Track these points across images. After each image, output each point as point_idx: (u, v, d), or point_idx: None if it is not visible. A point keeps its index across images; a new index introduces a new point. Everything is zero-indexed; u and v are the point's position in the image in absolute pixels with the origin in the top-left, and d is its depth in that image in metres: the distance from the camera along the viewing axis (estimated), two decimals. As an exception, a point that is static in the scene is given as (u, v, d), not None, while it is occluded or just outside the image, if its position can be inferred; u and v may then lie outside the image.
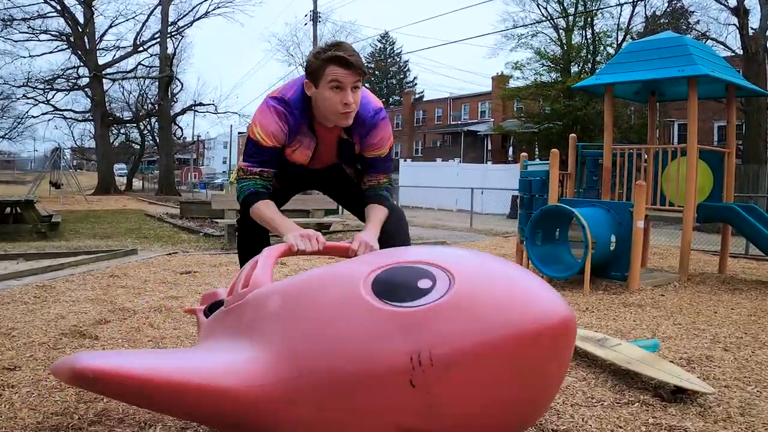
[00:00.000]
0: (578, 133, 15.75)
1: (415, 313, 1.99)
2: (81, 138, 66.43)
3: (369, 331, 2.03)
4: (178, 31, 46.76)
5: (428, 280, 2.10)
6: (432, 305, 1.99)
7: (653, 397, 3.82)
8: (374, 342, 2.00)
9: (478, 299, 1.98)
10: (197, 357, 2.45)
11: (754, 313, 6.66)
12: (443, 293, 2.02)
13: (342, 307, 2.15)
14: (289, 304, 2.37)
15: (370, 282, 2.18)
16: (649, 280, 8.50)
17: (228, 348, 2.49)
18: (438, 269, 2.14)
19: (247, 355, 2.32)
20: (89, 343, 4.91)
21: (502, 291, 2.00)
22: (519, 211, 10.29)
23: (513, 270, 2.16)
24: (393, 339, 1.97)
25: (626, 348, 4.50)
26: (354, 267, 2.37)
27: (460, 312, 1.95)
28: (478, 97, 58.90)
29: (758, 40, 28.44)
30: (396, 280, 2.15)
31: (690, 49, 8.83)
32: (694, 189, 8.81)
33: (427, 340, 1.93)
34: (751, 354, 4.95)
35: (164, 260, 10.14)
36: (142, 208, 27.51)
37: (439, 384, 1.92)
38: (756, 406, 3.72)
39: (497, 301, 1.96)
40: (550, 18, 38.04)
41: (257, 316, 2.51)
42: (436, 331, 1.93)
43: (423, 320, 1.96)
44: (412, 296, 2.05)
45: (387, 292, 2.10)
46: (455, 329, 1.92)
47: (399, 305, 2.04)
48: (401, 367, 1.93)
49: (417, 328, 1.96)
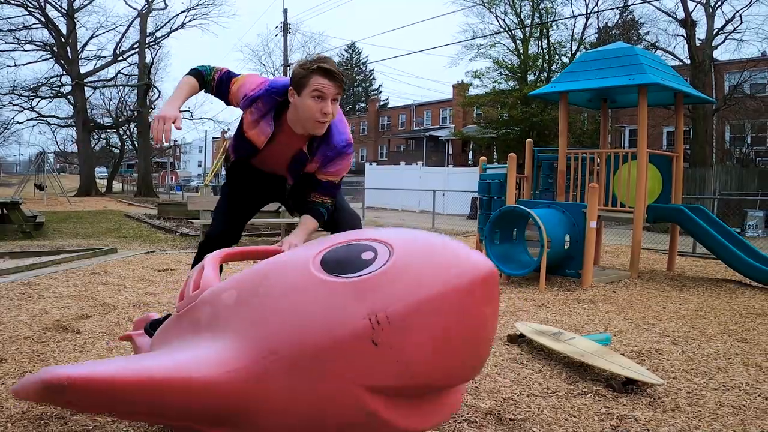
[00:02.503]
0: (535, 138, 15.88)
1: (365, 280, 2.10)
2: (64, 143, 66.54)
3: (326, 302, 2.11)
4: (155, 41, 46.81)
5: (370, 252, 2.24)
6: (378, 272, 2.11)
7: (605, 388, 3.84)
8: (333, 311, 2.08)
9: (418, 262, 2.11)
10: (166, 356, 2.39)
11: (700, 308, 6.72)
12: (386, 261, 2.15)
13: (297, 286, 2.22)
14: (246, 294, 2.40)
15: (318, 261, 2.28)
16: (601, 278, 8.55)
17: (192, 345, 2.46)
18: (377, 243, 2.28)
19: (215, 347, 2.31)
20: (72, 337, 4.90)
21: (436, 253, 2.14)
22: (478, 212, 10.32)
23: (441, 238, 2.28)
24: (349, 306, 2.06)
25: (580, 341, 4.53)
26: (300, 252, 2.45)
27: (405, 274, 2.08)
28: (439, 104, 59.00)
29: (705, 50, 28.78)
30: (341, 256, 2.27)
31: (640, 59, 8.91)
32: (644, 191, 8.89)
33: (381, 301, 2.03)
34: (698, 347, 5.00)
35: (142, 258, 10.12)
36: (122, 209, 27.37)
37: (398, 339, 2.00)
38: (702, 396, 3.75)
39: (434, 261, 2.10)
40: (508, 29, 38.09)
41: (215, 311, 2.51)
42: (387, 292, 2.04)
43: (374, 285, 2.08)
44: (359, 267, 2.17)
45: (335, 267, 2.21)
46: (403, 289, 2.03)
47: (349, 276, 2.15)
48: (361, 329, 2.02)
49: (370, 293, 2.06)
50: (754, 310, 6.71)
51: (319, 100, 3.13)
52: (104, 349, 4.61)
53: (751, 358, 4.70)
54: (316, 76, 3.10)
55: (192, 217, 16.72)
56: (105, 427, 3.06)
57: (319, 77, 3.09)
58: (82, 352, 4.49)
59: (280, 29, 42.87)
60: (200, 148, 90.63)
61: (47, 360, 4.26)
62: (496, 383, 3.93)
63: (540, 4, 36.85)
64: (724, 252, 8.51)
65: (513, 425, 3.21)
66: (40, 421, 3.11)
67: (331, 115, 3.20)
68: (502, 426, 3.20)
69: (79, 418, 3.13)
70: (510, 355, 4.61)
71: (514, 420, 3.26)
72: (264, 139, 3.45)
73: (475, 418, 3.30)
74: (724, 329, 5.73)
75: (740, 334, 5.52)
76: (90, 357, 4.37)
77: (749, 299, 7.40)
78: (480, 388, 3.83)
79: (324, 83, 3.10)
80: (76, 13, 42.09)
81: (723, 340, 5.27)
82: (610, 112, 11.38)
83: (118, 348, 4.63)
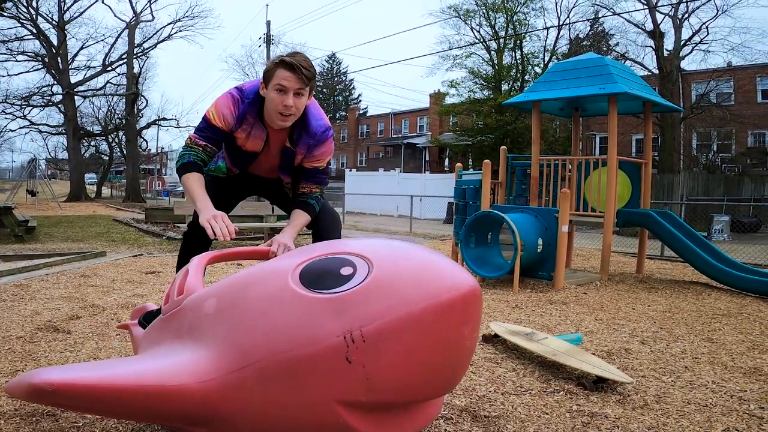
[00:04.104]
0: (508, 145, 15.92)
1: (342, 297, 2.07)
2: (55, 150, 66.22)
3: (303, 317, 2.09)
4: (143, 52, 46.89)
5: (349, 267, 2.20)
6: (356, 288, 2.08)
7: (577, 386, 3.85)
8: (309, 326, 2.06)
9: (396, 279, 2.08)
10: (147, 362, 2.41)
11: (668, 309, 6.76)
12: (364, 277, 2.12)
13: (275, 299, 2.20)
14: (225, 303, 2.39)
15: (297, 275, 2.25)
16: (573, 280, 8.58)
17: (173, 351, 2.46)
18: (356, 257, 2.25)
19: (193, 355, 2.32)
20: (62, 337, 4.88)
21: (415, 270, 2.10)
22: (454, 217, 10.33)
23: (423, 251, 2.26)
24: (326, 322, 2.04)
25: (552, 341, 4.53)
26: (280, 263, 2.42)
27: (382, 291, 2.05)
28: (417, 112, 59.06)
29: (672, 60, 29.07)
30: (320, 270, 2.24)
31: (610, 69, 8.95)
32: (614, 196, 8.94)
33: (356, 319, 2.01)
34: (666, 347, 5.02)
35: (131, 261, 10.10)
36: (111, 213, 27.34)
37: (372, 357, 1.99)
38: (670, 394, 3.77)
39: (413, 278, 2.06)
40: (483, 40, 38.19)
41: (196, 319, 2.52)
42: (363, 310, 2.02)
43: (350, 302, 2.05)
44: (338, 283, 2.14)
45: (314, 282, 2.19)
46: (379, 307, 2.01)
47: (327, 292, 2.12)
48: (336, 346, 2.01)
49: (346, 310, 2.04)
50: (720, 311, 6.75)
51: (281, 93, 3.11)
52: (94, 348, 4.57)
53: (717, 357, 4.73)
54: (280, 69, 3.09)
55: (178, 222, 16.91)
56: (94, 423, 3.04)
57: (282, 70, 3.08)
58: (72, 352, 4.45)
59: (263, 40, 42.75)
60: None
61: (39, 359, 4.22)
62: (471, 381, 3.93)
63: (513, 16, 37.00)
64: (690, 255, 8.56)
65: (488, 422, 3.21)
66: (32, 418, 3.09)
67: (295, 109, 3.17)
68: (477, 423, 3.20)
69: (70, 415, 3.12)
70: (485, 355, 4.61)
71: (488, 417, 3.26)
72: (260, 143, 3.42)
73: (451, 415, 3.29)
74: (691, 329, 5.76)
75: (707, 335, 5.55)
76: (80, 357, 4.34)
77: (715, 300, 7.44)
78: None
79: (286, 76, 3.08)
80: (66, 25, 42.49)
81: (690, 340, 5.29)
82: (581, 120, 11.44)
83: (107, 348, 4.60)
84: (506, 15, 36.92)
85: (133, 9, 44.90)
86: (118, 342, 4.79)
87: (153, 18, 47.72)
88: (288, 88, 3.09)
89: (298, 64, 3.07)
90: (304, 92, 3.16)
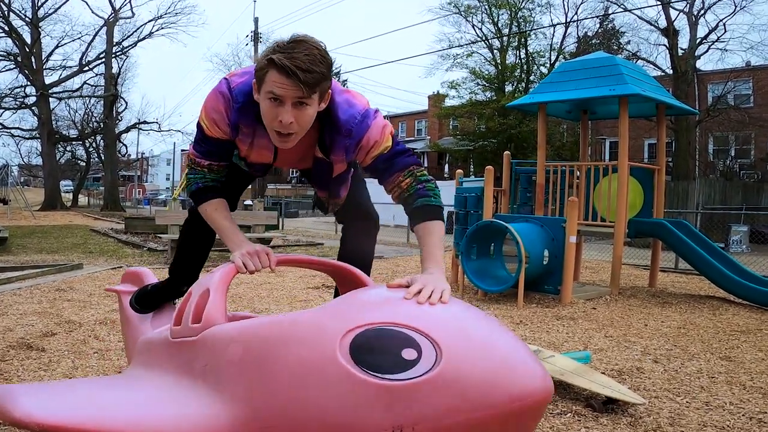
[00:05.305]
0: (512, 150, 15.96)
1: (400, 388, 1.86)
2: (28, 155, 66.04)
3: (349, 401, 1.89)
4: (122, 51, 46.78)
5: (413, 350, 1.94)
6: (418, 380, 1.86)
7: (585, 408, 3.85)
8: (355, 413, 1.88)
9: (465, 377, 1.87)
10: (150, 405, 2.25)
11: (683, 325, 6.76)
12: (429, 368, 1.89)
13: (317, 371, 1.98)
14: (252, 356, 2.16)
15: (347, 345, 1.98)
16: (581, 294, 8.59)
17: (182, 395, 2.31)
18: (423, 337, 1.97)
19: (207, 411, 2.15)
20: (36, 355, 4.88)
21: (487, 367, 1.90)
22: (455, 227, 10.32)
23: (498, 337, 2.03)
24: (375, 412, 1.86)
25: (559, 360, 4.53)
26: (327, 322, 2.10)
27: (447, 391, 1.85)
28: (414, 115, 59.14)
29: (687, 60, 29.10)
30: (378, 346, 1.96)
31: (621, 69, 8.96)
32: (625, 205, 8.94)
33: (412, 415, 1.84)
34: (680, 366, 5.02)
35: (109, 274, 10.11)
36: (88, 223, 27.31)
37: None
38: (685, 416, 3.77)
39: (481, 379, 1.87)
40: (485, 38, 38.37)
41: (215, 362, 2.31)
42: (421, 407, 1.84)
43: (408, 395, 1.85)
44: (397, 368, 1.90)
45: (367, 359, 1.94)
46: (440, 406, 1.84)
47: (383, 377, 1.89)
48: None
49: (401, 403, 1.85)
50: (738, 327, 6.76)
51: (275, 104, 2.38)
52: (70, 367, 4.57)
53: (735, 376, 4.73)
54: (272, 70, 2.33)
55: (160, 232, 16.78)
56: None
57: (275, 73, 2.32)
58: (47, 371, 4.46)
59: (250, 38, 42.93)
60: (168, 161, 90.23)
61: (11, 379, 4.23)
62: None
63: (518, 12, 37.14)
64: (707, 268, 8.57)
65: (490, 447, 3.21)
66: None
67: (296, 125, 2.43)
68: (479, 448, 3.20)
69: None
70: (487, 375, 4.61)
71: (491, 441, 3.26)
72: (269, 155, 2.81)
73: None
74: (708, 347, 5.77)
75: (724, 352, 5.55)
76: (55, 376, 4.35)
77: (733, 316, 7.45)
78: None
79: (280, 82, 2.32)
80: (40, 22, 42.16)
81: (706, 359, 5.30)
82: (590, 123, 11.44)
83: (83, 366, 4.59)
84: (510, 11, 37.12)
85: (111, 5, 44.53)
86: (95, 360, 4.78)
87: (133, 15, 47.52)
88: (283, 98, 2.35)
89: (295, 66, 2.29)
90: (310, 101, 2.41)
